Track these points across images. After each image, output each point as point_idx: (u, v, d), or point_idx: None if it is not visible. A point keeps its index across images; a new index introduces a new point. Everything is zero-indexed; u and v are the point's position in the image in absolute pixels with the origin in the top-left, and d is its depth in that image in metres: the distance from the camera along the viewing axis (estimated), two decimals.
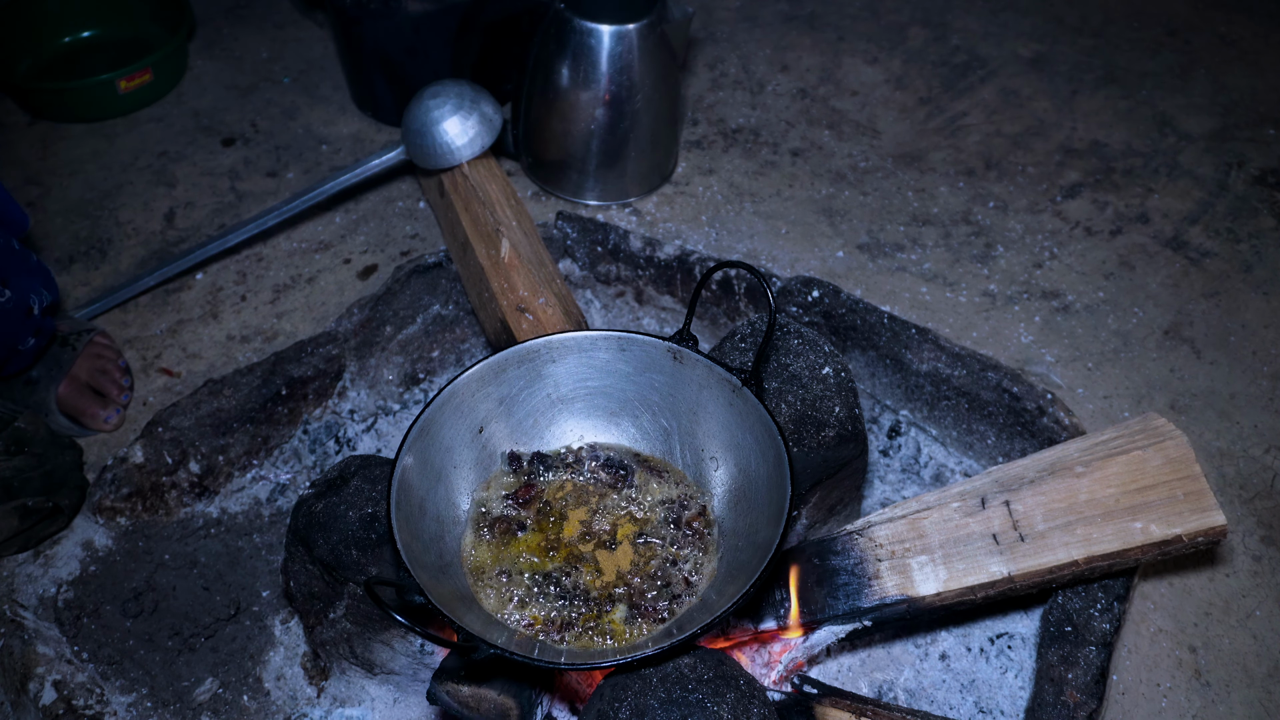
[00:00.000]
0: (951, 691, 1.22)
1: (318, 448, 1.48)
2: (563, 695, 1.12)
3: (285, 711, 1.21)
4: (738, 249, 1.73)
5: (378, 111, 2.00)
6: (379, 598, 0.87)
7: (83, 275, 1.69)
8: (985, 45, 2.24)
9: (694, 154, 1.94)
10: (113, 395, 1.43)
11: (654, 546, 1.08)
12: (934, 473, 1.46)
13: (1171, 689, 1.22)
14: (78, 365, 1.41)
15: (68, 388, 1.39)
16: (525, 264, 1.41)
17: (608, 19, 1.62)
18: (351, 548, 1.07)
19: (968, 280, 1.69)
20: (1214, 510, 1.09)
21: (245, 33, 2.26)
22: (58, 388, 1.39)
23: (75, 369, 1.40)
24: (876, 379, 1.50)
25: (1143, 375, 1.56)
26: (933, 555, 1.12)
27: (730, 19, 2.31)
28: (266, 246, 1.74)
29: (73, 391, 1.40)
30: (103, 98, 1.98)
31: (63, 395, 1.39)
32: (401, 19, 1.80)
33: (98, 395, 1.42)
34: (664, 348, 1.12)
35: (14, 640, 1.18)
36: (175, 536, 1.36)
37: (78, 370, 1.40)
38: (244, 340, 1.59)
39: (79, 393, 1.40)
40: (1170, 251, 1.76)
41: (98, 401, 1.42)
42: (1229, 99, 2.09)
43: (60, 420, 1.40)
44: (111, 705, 1.14)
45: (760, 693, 0.96)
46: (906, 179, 1.90)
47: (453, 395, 1.08)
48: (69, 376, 1.40)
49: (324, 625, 1.15)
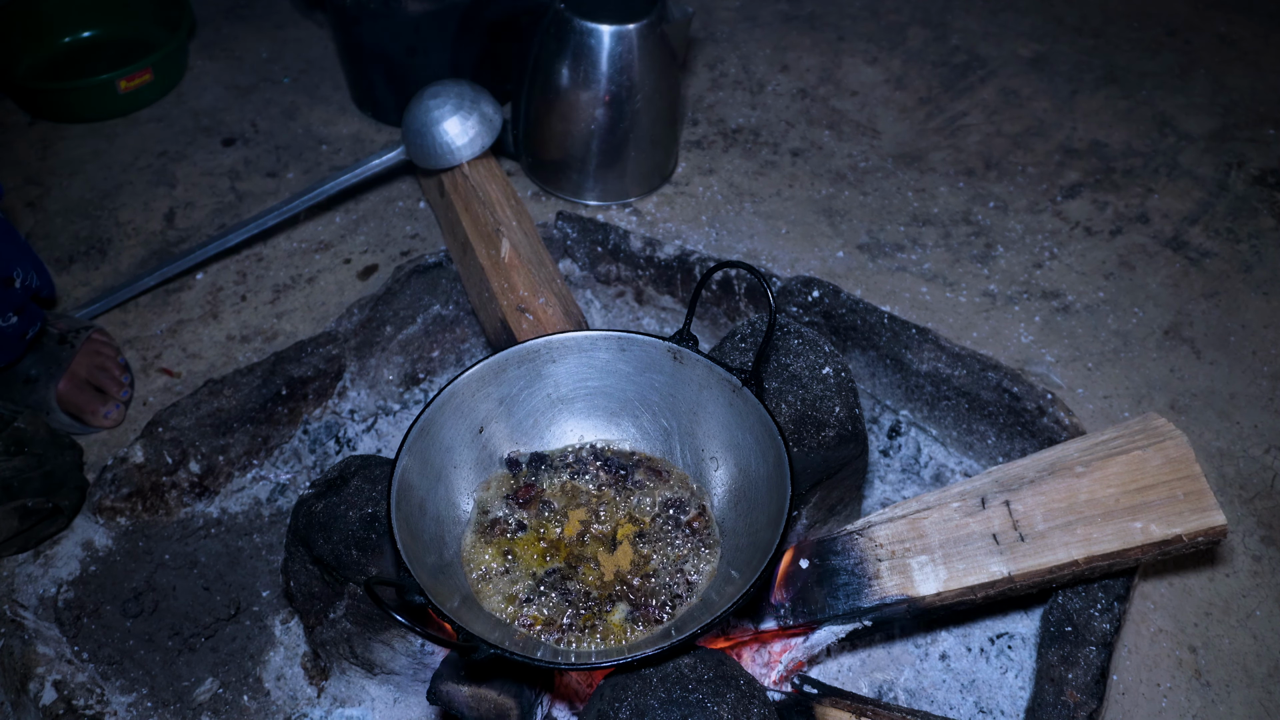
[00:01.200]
0: (952, 691, 1.22)
1: (318, 448, 1.48)
2: (563, 695, 1.12)
3: (285, 711, 1.21)
4: (738, 249, 1.73)
5: (378, 111, 2.00)
6: (379, 598, 0.87)
7: (83, 275, 1.69)
8: (985, 45, 2.24)
9: (694, 154, 1.94)
10: (112, 392, 1.44)
11: (654, 547, 1.08)
12: (934, 473, 1.46)
13: (1172, 689, 1.22)
14: (76, 362, 1.41)
15: (67, 385, 1.39)
16: (525, 264, 1.41)
17: (608, 19, 1.62)
18: (351, 548, 1.07)
19: (968, 280, 1.69)
20: (1214, 510, 1.09)
21: (245, 33, 2.26)
22: (57, 385, 1.39)
23: (74, 366, 1.40)
24: (876, 379, 1.50)
25: (1143, 375, 1.56)
26: (933, 555, 1.12)
27: (730, 19, 2.31)
28: (266, 246, 1.74)
29: (72, 389, 1.40)
30: (103, 98, 1.98)
31: (63, 393, 1.39)
32: (401, 19, 1.80)
33: (98, 392, 1.42)
34: (664, 348, 1.12)
35: (14, 640, 1.18)
36: (175, 536, 1.36)
37: (77, 367, 1.40)
38: (244, 340, 1.59)
39: (79, 390, 1.40)
40: (1170, 251, 1.76)
41: (98, 398, 1.42)
42: (1229, 99, 2.09)
43: (61, 418, 1.41)
44: (111, 705, 1.14)
45: (760, 693, 0.96)
46: (906, 179, 1.90)
47: (453, 395, 1.08)
48: (68, 374, 1.40)
49: (324, 625, 1.15)
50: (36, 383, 1.39)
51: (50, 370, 1.39)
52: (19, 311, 1.34)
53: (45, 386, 1.39)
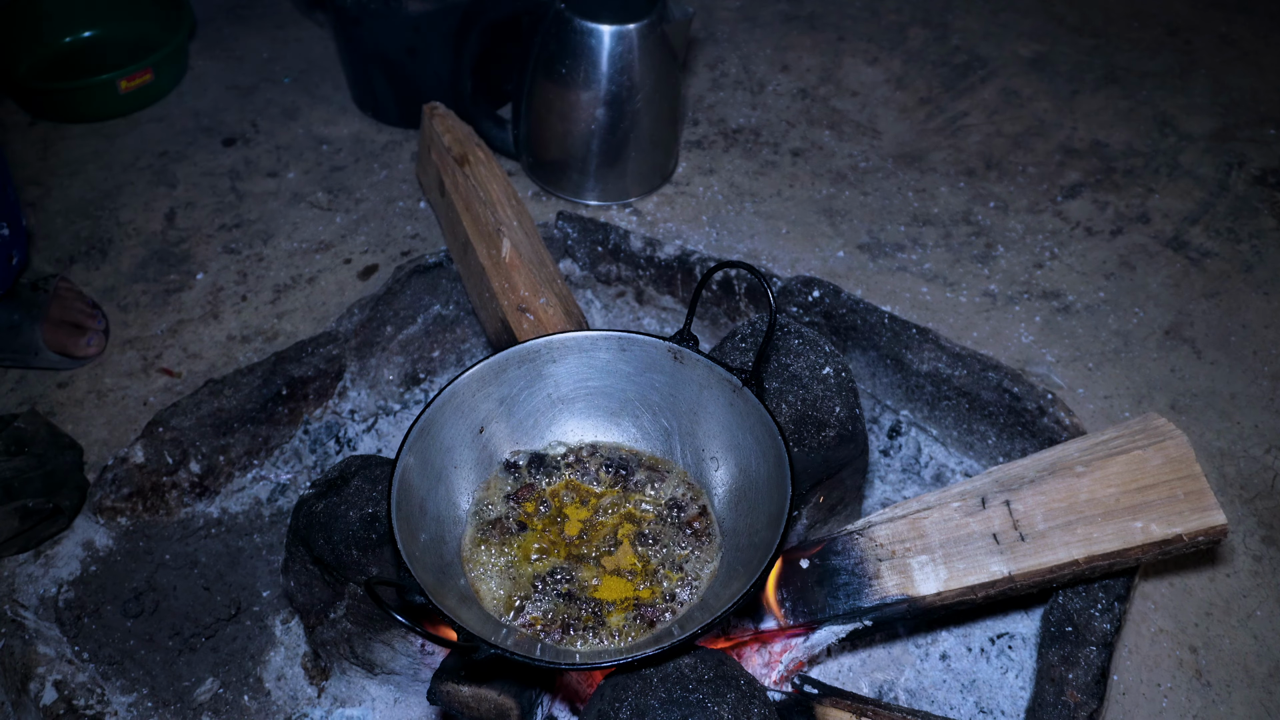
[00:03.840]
0: (952, 691, 1.22)
1: (318, 448, 1.48)
2: (563, 695, 1.12)
3: (286, 711, 1.21)
4: (738, 249, 1.73)
5: (378, 112, 2.00)
6: (379, 598, 0.87)
7: (83, 275, 1.69)
8: (985, 45, 2.24)
9: (694, 154, 1.94)
10: (90, 325, 1.56)
11: (654, 546, 1.08)
12: (934, 473, 1.46)
13: (1172, 689, 1.22)
14: (51, 308, 1.53)
15: (49, 326, 1.52)
16: (526, 264, 1.41)
17: (608, 19, 1.62)
18: (352, 548, 1.07)
19: (968, 280, 1.69)
20: (1214, 509, 1.09)
21: (245, 33, 2.26)
22: (41, 328, 1.51)
23: (51, 311, 1.53)
24: (877, 379, 1.50)
25: (1143, 375, 1.56)
26: (933, 555, 1.12)
27: (730, 19, 2.31)
28: (267, 247, 1.74)
29: (52, 329, 1.52)
30: (103, 98, 1.98)
31: (46, 334, 1.52)
32: (401, 19, 1.80)
33: (76, 328, 1.55)
34: (664, 348, 1.12)
35: (15, 640, 1.18)
36: (175, 536, 1.36)
37: (52, 312, 1.53)
38: (244, 340, 1.59)
39: (58, 329, 1.53)
40: (1171, 251, 1.76)
41: (77, 333, 1.55)
42: (1229, 99, 2.09)
43: (50, 356, 1.52)
44: (112, 705, 1.14)
45: (760, 693, 0.96)
46: (907, 179, 1.90)
47: (453, 395, 1.08)
48: (46, 319, 1.52)
49: (324, 625, 1.15)
50: (20, 327, 1.50)
51: (32, 314, 1.51)
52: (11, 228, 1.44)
53: (31, 329, 1.51)
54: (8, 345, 1.51)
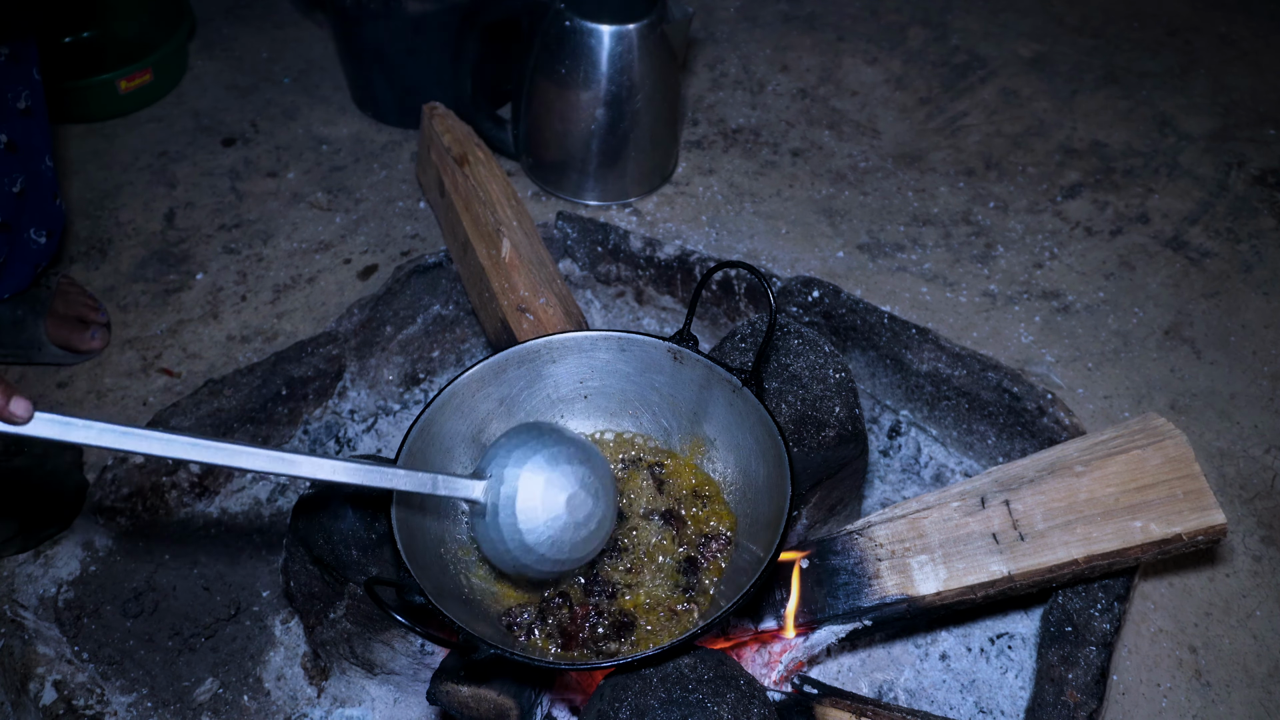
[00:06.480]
0: (952, 691, 1.22)
1: (318, 448, 1.48)
2: (563, 695, 1.12)
3: (285, 711, 1.21)
4: (738, 249, 1.73)
5: (378, 111, 2.00)
6: (379, 598, 0.87)
7: (83, 275, 1.69)
8: (985, 45, 2.24)
9: (694, 154, 1.94)
10: (92, 319, 1.56)
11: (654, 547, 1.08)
12: (934, 473, 1.46)
13: (1172, 689, 1.22)
14: (54, 304, 1.54)
15: (52, 321, 1.52)
16: (526, 264, 1.41)
17: (608, 19, 1.62)
18: (351, 548, 1.07)
19: (968, 280, 1.69)
20: (1213, 509, 1.09)
21: (245, 33, 2.26)
22: (44, 323, 1.51)
23: (54, 306, 1.53)
24: (876, 379, 1.50)
25: (1143, 375, 1.56)
26: (933, 555, 1.12)
27: (730, 19, 2.31)
28: (267, 247, 1.74)
29: (56, 323, 1.53)
30: (103, 98, 1.98)
31: (50, 329, 1.52)
32: (401, 19, 1.80)
33: (79, 323, 1.55)
34: (664, 348, 1.12)
35: (14, 640, 1.18)
36: (175, 536, 1.36)
37: (55, 307, 1.54)
38: (244, 340, 1.59)
39: (62, 323, 1.53)
40: (1170, 251, 1.76)
41: (80, 327, 1.54)
42: (1229, 99, 2.09)
43: (54, 351, 1.53)
44: (112, 705, 1.14)
45: (760, 693, 0.96)
46: (906, 179, 1.90)
47: (453, 395, 1.08)
48: (50, 313, 1.52)
49: (324, 625, 1.15)
50: (24, 322, 1.50)
51: (35, 309, 1.51)
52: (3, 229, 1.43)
53: (35, 325, 1.51)
54: (11, 340, 1.51)
